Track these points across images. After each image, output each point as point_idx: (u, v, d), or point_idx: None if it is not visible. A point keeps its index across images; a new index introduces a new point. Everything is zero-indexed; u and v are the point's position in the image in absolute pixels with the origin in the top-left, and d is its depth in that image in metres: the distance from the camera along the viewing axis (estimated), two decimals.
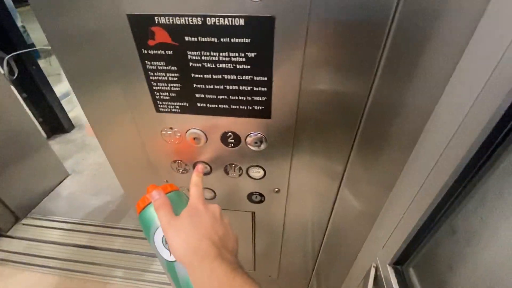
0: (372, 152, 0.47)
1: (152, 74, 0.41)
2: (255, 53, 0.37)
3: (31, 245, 1.49)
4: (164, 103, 0.44)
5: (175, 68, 0.40)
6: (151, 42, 0.37)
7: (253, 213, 0.63)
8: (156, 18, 0.35)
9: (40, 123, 2.14)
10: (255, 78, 0.39)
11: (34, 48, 2.00)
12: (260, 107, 0.42)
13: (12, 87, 1.73)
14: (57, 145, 2.19)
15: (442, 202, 0.42)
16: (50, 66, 3.14)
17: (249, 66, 0.38)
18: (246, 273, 0.33)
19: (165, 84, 0.42)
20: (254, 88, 0.40)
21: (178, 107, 0.44)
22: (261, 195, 0.57)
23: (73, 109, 2.45)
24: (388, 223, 0.53)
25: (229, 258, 0.34)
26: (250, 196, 0.58)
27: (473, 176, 0.38)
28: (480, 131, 0.32)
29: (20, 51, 1.72)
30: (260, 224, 0.66)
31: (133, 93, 0.44)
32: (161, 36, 0.36)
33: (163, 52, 0.38)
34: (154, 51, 0.38)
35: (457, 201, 0.42)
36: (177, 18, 0.35)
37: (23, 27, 2.59)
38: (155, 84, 0.42)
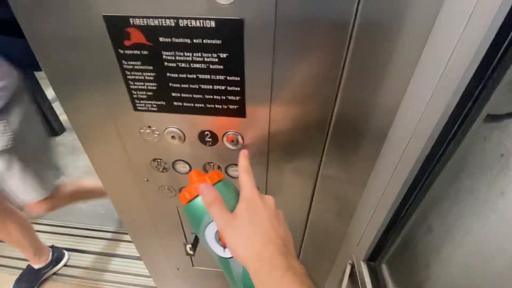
0: (344, 150, 0.49)
1: (129, 73, 0.42)
2: (227, 54, 0.38)
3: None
4: (141, 101, 0.45)
5: (151, 67, 0.41)
6: (127, 43, 0.39)
7: None
8: (131, 19, 0.37)
9: None
10: (228, 78, 0.41)
11: None
12: (235, 106, 0.44)
13: None
14: None
15: (408, 198, 0.44)
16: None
17: (221, 66, 0.40)
18: (316, 284, 0.31)
19: (142, 83, 0.43)
20: (228, 88, 0.42)
21: (155, 105, 0.45)
22: None
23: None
24: (362, 220, 0.55)
25: (298, 269, 0.31)
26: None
27: (432, 170, 0.40)
28: (436, 124, 0.34)
29: None
30: None
31: (111, 93, 0.45)
32: (137, 36, 0.38)
33: (138, 52, 0.39)
34: (130, 51, 0.40)
35: (427, 197, 0.44)
36: (151, 19, 0.36)
37: None
38: (132, 83, 0.43)
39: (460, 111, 0.32)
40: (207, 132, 0.48)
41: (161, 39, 0.38)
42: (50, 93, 2.23)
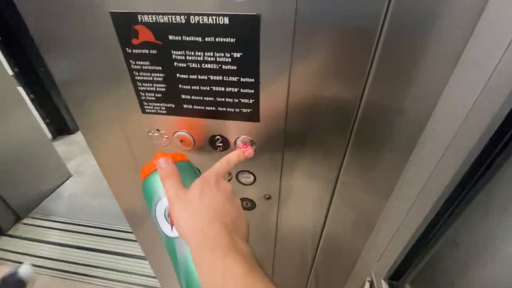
0: (367, 159, 0.44)
1: (137, 74, 0.40)
2: (241, 53, 0.35)
3: (30, 245, 1.50)
4: (150, 104, 0.43)
5: (160, 68, 0.38)
6: (135, 41, 0.36)
7: None
8: (139, 16, 0.34)
9: (46, 124, 2.17)
10: (242, 79, 0.38)
11: None
12: (248, 110, 0.41)
13: (20, 88, 1.77)
14: (61, 146, 2.22)
15: (441, 214, 0.40)
16: None
17: (235, 67, 0.37)
18: (264, 273, 0.29)
19: (151, 85, 0.41)
20: (241, 90, 0.39)
21: (164, 108, 0.43)
22: (251, 201, 0.55)
23: None
24: (384, 235, 0.50)
25: (243, 250, 0.29)
26: (242, 200, 0.56)
27: (473, 185, 0.36)
28: (480, 136, 0.30)
29: None
30: (251, 233, 0.63)
31: (119, 94, 0.43)
32: (145, 34, 0.36)
33: (147, 51, 0.37)
34: (138, 50, 0.37)
35: (457, 212, 0.40)
36: (160, 16, 0.34)
37: None
38: (140, 84, 0.41)
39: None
40: (218, 137, 0.45)
41: (170, 37, 0.35)
42: None
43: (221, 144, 0.46)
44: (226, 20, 0.33)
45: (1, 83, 1.48)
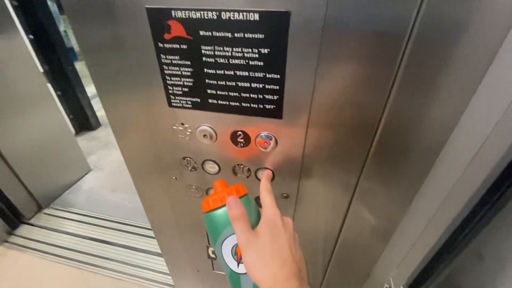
0: (389, 164, 0.44)
1: (166, 68, 0.41)
2: (268, 50, 0.36)
3: (50, 234, 1.56)
4: (176, 97, 0.44)
5: (189, 62, 0.40)
6: (167, 36, 0.38)
7: None
8: (173, 11, 0.36)
9: (70, 119, 2.27)
10: (268, 75, 0.38)
11: None
12: (272, 106, 0.41)
13: (49, 85, 1.87)
14: (83, 141, 2.31)
15: (465, 223, 0.38)
16: (85, 68, 3.36)
17: (261, 63, 0.37)
18: None
19: (179, 79, 0.42)
20: (266, 86, 0.39)
21: (190, 102, 0.44)
22: None
23: (101, 109, 2.60)
24: (404, 241, 0.49)
25: None
26: (257, 200, 0.56)
27: (500, 196, 0.34)
28: (508, 147, 0.29)
29: None
30: None
31: (148, 87, 0.45)
32: (177, 30, 0.37)
33: (178, 46, 0.38)
34: (170, 45, 0.39)
35: (483, 223, 0.38)
36: (192, 12, 0.35)
37: (65, 31, 2.81)
38: (168, 78, 0.42)
39: None
40: (240, 133, 0.46)
41: (201, 32, 0.37)
42: (90, 90, 2.38)
43: (242, 140, 0.47)
44: (257, 16, 0.34)
45: (33, 80, 1.58)
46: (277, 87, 0.39)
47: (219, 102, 0.43)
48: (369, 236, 0.56)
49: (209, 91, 0.42)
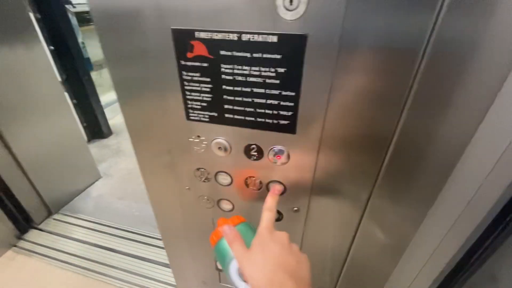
0: (401, 181, 0.44)
1: (187, 84, 0.44)
2: (285, 69, 0.38)
3: (58, 240, 1.58)
4: (195, 111, 0.46)
5: (209, 79, 0.42)
6: (189, 55, 0.40)
7: None
8: (196, 32, 0.38)
9: (84, 127, 2.34)
10: (283, 92, 0.40)
11: None
12: (286, 122, 0.43)
13: (66, 94, 1.94)
14: (94, 148, 2.36)
15: (478, 244, 0.38)
16: (100, 78, 3.47)
17: (278, 81, 0.39)
18: None
19: (198, 94, 0.44)
20: (281, 103, 0.41)
21: (207, 116, 0.46)
22: (279, 213, 0.56)
23: (114, 118, 2.67)
24: (415, 261, 0.48)
25: None
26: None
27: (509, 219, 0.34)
28: None
29: None
30: None
31: (167, 101, 0.47)
32: (199, 49, 0.39)
33: (199, 64, 0.41)
34: (191, 63, 0.41)
35: (496, 244, 0.38)
36: (215, 33, 0.38)
37: (83, 43, 2.94)
38: (188, 93, 0.45)
39: None
40: (253, 146, 0.47)
41: (222, 52, 0.39)
42: (103, 99, 2.46)
43: (255, 153, 0.48)
44: (275, 39, 0.36)
45: (52, 88, 1.64)
46: (292, 104, 0.41)
47: (235, 116, 0.45)
48: (380, 254, 0.55)
49: (226, 106, 0.44)
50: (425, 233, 0.47)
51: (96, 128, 2.44)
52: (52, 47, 1.98)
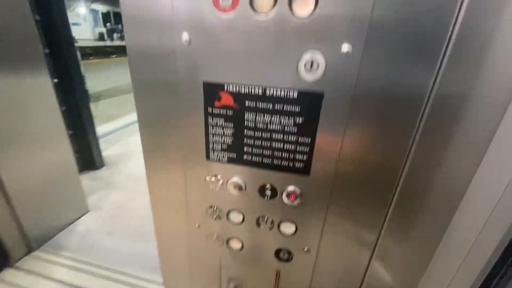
0: (407, 224, 0.47)
1: (211, 128, 0.48)
2: (303, 119, 0.43)
3: (36, 280, 1.45)
4: (215, 152, 0.50)
5: (232, 125, 0.46)
6: (217, 104, 0.45)
7: (278, 272, 0.61)
8: (226, 85, 0.43)
9: (76, 158, 2.30)
10: (300, 139, 0.45)
11: None
12: (301, 164, 0.47)
13: (63, 124, 1.95)
14: (85, 180, 2.29)
15: (487, 282, 0.41)
16: (96, 109, 3.51)
17: (295, 129, 0.44)
18: None
19: (220, 137, 0.48)
20: (298, 148, 0.45)
21: (226, 157, 0.50)
22: (289, 252, 0.56)
23: (107, 149, 2.65)
24: None
25: None
26: (277, 252, 0.57)
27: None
28: None
29: None
30: (284, 286, 0.63)
31: (190, 142, 0.51)
32: (226, 99, 0.44)
33: (225, 112, 0.46)
34: (218, 111, 0.46)
35: (504, 281, 0.40)
36: (242, 87, 0.43)
37: (83, 75, 3.03)
38: (211, 137, 0.48)
39: None
40: (268, 186, 0.50)
41: (247, 103, 0.44)
42: (100, 129, 2.47)
43: (269, 192, 0.51)
44: (295, 94, 0.41)
45: (51, 119, 1.66)
46: (307, 149, 0.45)
47: (253, 158, 0.48)
48: None
49: (245, 149, 0.48)
50: (431, 276, 0.49)
51: (89, 159, 2.40)
52: (56, 80, 2.04)
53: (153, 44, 0.44)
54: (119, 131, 3.22)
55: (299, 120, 0.43)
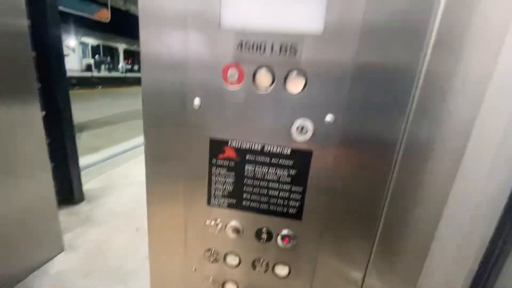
0: (388, 265, 0.53)
1: (214, 177, 0.53)
2: (296, 171, 0.50)
3: None
4: (216, 198, 0.55)
5: (233, 174, 0.53)
6: (220, 156, 0.52)
7: None
8: (230, 141, 0.50)
9: (56, 191, 2.21)
10: (293, 188, 0.51)
11: None
12: (294, 210, 0.53)
13: (48, 157, 1.91)
14: (62, 215, 2.18)
15: None
16: (79, 140, 3.45)
17: (289, 179, 0.51)
18: None
19: (222, 185, 0.54)
20: (291, 195, 0.52)
21: (226, 203, 0.55)
22: None
23: (90, 181, 2.57)
24: None
25: None
26: None
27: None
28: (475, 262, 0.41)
29: None
30: None
31: (193, 188, 0.56)
32: (229, 153, 0.51)
33: (227, 163, 0.52)
34: (221, 162, 0.52)
35: None
36: (244, 143, 0.50)
37: (71, 110, 3.02)
38: (214, 184, 0.54)
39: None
40: (264, 229, 0.55)
41: (247, 156, 0.51)
42: (84, 161, 2.42)
43: (265, 236, 0.56)
44: (289, 151, 0.49)
45: (36, 151, 1.64)
46: (300, 196, 0.52)
47: (251, 204, 0.54)
48: None
49: (244, 195, 0.54)
50: None
51: (68, 193, 2.31)
52: (44, 113, 2.04)
53: (168, 108, 0.51)
54: (103, 163, 3.15)
55: (292, 172, 0.50)
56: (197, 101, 0.49)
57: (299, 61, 0.44)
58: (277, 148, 0.49)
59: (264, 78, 0.45)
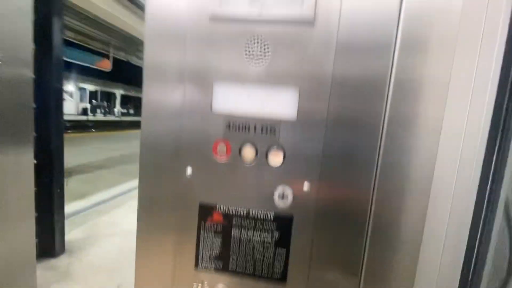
0: None
1: (202, 240, 0.57)
2: (279, 234, 0.54)
3: None
4: (203, 262, 0.57)
5: (220, 237, 0.56)
6: (209, 220, 0.56)
7: None
8: (218, 206, 0.55)
9: (36, 243, 2.09)
10: (277, 250, 0.55)
11: None
12: (278, 274, 0.55)
13: (34, 207, 1.86)
14: (39, 270, 2.03)
15: None
16: (66, 186, 3.37)
17: (273, 242, 0.55)
18: None
19: (209, 248, 0.57)
20: (275, 258, 0.55)
21: (213, 266, 0.57)
22: None
23: (72, 230, 2.46)
24: None
25: None
26: None
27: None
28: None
29: None
30: None
31: (181, 253, 0.58)
32: (217, 217, 0.56)
33: (215, 227, 0.56)
34: (209, 225, 0.56)
35: None
36: (231, 208, 0.55)
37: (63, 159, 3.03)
38: (202, 247, 0.57)
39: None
40: None
41: (234, 221, 0.55)
42: (70, 208, 2.35)
43: None
44: (272, 216, 0.54)
45: (24, 201, 1.61)
46: (283, 258, 0.55)
47: (237, 269, 0.56)
48: None
49: (231, 258, 0.56)
50: None
51: (48, 244, 2.19)
52: (35, 161, 2.05)
53: (164, 171, 0.57)
54: (88, 211, 3.04)
55: (276, 235, 0.54)
56: (189, 170, 0.55)
57: (278, 139, 0.52)
58: (261, 212, 0.54)
59: (248, 152, 0.52)
